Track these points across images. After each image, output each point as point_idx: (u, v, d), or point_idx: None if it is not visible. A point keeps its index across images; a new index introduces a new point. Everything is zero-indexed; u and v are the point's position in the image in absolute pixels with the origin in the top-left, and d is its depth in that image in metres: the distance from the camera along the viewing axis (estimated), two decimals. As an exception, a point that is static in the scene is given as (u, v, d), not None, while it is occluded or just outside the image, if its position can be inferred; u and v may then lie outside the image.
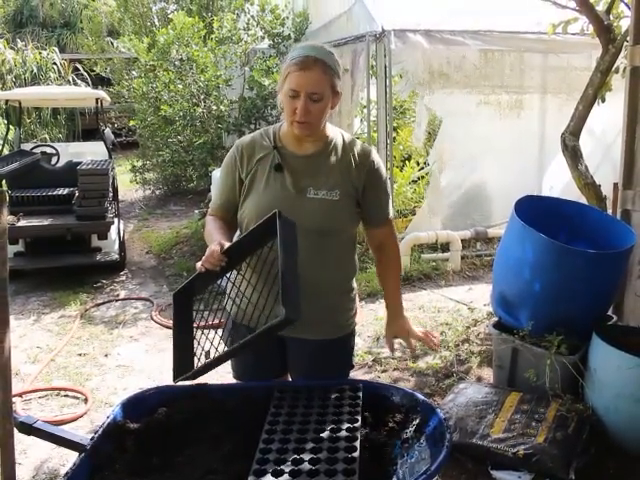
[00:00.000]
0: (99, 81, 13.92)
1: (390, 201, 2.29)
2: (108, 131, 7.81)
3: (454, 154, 6.55)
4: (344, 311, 2.24)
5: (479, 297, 5.48)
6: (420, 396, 1.91)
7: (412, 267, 6.13)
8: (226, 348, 2.03)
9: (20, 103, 7.86)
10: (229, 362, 2.40)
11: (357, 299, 2.35)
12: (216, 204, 2.26)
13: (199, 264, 1.95)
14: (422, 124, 6.62)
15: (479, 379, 3.97)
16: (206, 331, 2.07)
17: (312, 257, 2.06)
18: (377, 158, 2.20)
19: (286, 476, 1.56)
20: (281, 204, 2.05)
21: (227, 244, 1.94)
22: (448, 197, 6.70)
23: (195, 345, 2.06)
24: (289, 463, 1.61)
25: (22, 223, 6.11)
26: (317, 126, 2.08)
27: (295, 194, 2.08)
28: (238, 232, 2.25)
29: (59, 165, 7.32)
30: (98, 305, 5.71)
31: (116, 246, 6.53)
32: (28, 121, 13.34)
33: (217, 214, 2.25)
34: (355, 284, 2.30)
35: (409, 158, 8.03)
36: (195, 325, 2.14)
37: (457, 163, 6.62)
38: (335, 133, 2.18)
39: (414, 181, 7.79)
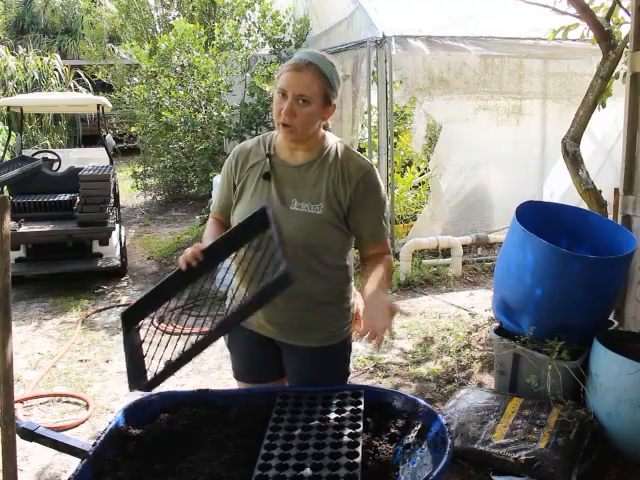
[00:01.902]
0: (100, 87, 13.97)
1: (386, 220, 2.15)
2: (109, 137, 7.83)
3: (455, 160, 6.56)
4: (337, 319, 2.20)
5: (480, 302, 5.48)
6: (422, 402, 1.91)
7: (413, 273, 6.13)
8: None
9: (21, 109, 7.88)
10: (230, 362, 2.42)
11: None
12: (216, 207, 2.30)
13: (180, 260, 1.99)
14: (420, 130, 6.66)
15: (480, 385, 3.97)
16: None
17: (299, 268, 2.03)
18: (371, 175, 2.08)
19: (288, 482, 1.57)
20: None
21: (205, 245, 2.02)
22: (449, 202, 6.71)
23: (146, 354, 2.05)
24: (291, 469, 1.61)
25: (23, 229, 6.12)
26: (303, 132, 2.01)
27: (279, 205, 2.06)
28: None
29: (60, 171, 7.33)
30: (99, 311, 5.71)
31: (117, 252, 6.53)
32: (29, 127, 13.39)
33: (217, 217, 2.29)
34: (352, 292, 2.26)
35: (410, 164, 8.04)
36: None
37: (458, 169, 6.63)
38: (330, 142, 2.12)
39: (415, 186, 7.81)
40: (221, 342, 4.27)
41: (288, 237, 2.02)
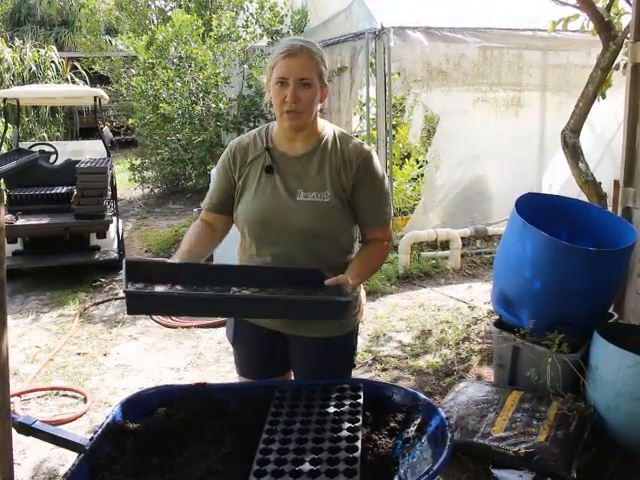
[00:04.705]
0: (97, 79, 13.91)
1: (388, 204, 2.17)
2: (107, 129, 7.79)
3: (453, 152, 6.54)
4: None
5: (479, 295, 5.48)
6: (421, 395, 1.90)
7: (412, 265, 6.12)
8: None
9: (18, 101, 7.83)
10: (232, 359, 2.39)
11: (362, 296, 2.32)
12: (212, 204, 2.23)
13: None
14: (418, 122, 6.67)
15: (479, 378, 3.96)
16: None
17: (308, 257, 2.07)
18: (370, 159, 2.10)
19: (287, 476, 1.55)
20: (272, 208, 2.07)
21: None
22: (447, 195, 6.69)
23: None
24: (290, 463, 1.60)
25: (20, 222, 6.09)
26: (307, 116, 2.03)
27: (286, 197, 2.06)
28: (238, 233, 2.24)
29: (57, 164, 7.30)
30: (97, 304, 5.69)
31: (115, 245, 6.51)
32: (26, 119, 13.34)
33: (207, 218, 2.23)
34: None
35: (409, 156, 8.02)
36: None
37: (456, 161, 6.60)
38: (327, 130, 2.14)
39: (414, 179, 7.78)
40: (220, 335, 4.26)
41: (299, 227, 2.04)
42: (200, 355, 4.46)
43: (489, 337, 4.33)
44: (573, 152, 4.22)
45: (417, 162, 7.84)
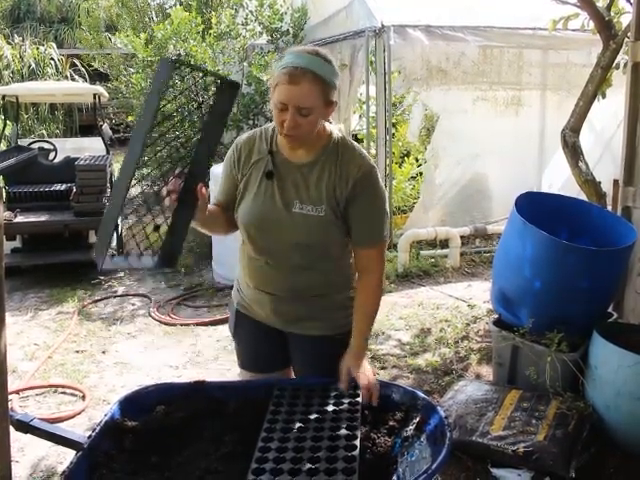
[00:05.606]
0: (97, 76, 13.87)
1: (382, 225, 2.09)
2: (106, 127, 7.79)
3: (453, 150, 6.54)
4: (342, 309, 2.20)
5: (478, 294, 5.47)
6: (421, 394, 1.90)
7: (411, 264, 6.12)
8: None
9: (17, 98, 7.82)
10: (231, 357, 2.41)
11: None
12: (220, 200, 2.23)
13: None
14: (417, 120, 6.68)
15: (478, 376, 3.96)
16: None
17: (303, 265, 2.07)
18: (368, 177, 2.02)
19: (286, 475, 1.55)
20: (268, 216, 2.05)
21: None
22: (447, 193, 6.69)
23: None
24: (288, 462, 1.59)
25: (19, 219, 6.09)
26: (307, 137, 1.98)
27: (281, 207, 2.03)
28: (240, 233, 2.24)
29: (57, 161, 7.29)
30: (96, 302, 5.68)
31: (114, 242, 6.49)
32: (26, 117, 13.30)
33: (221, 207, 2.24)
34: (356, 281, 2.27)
35: (408, 154, 8.01)
36: None
37: (456, 159, 6.60)
38: (333, 137, 2.07)
39: (413, 177, 7.77)
40: (220, 333, 4.28)
41: (292, 238, 2.03)
42: (199, 353, 4.45)
43: (488, 336, 4.33)
44: (573, 151, 4.22)
45: (416, 160, 7.84)
